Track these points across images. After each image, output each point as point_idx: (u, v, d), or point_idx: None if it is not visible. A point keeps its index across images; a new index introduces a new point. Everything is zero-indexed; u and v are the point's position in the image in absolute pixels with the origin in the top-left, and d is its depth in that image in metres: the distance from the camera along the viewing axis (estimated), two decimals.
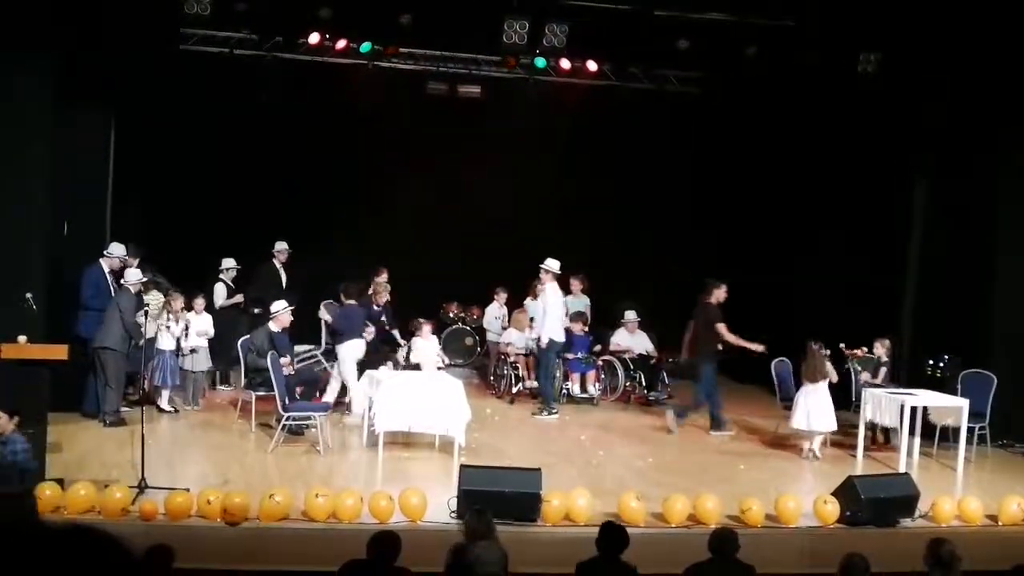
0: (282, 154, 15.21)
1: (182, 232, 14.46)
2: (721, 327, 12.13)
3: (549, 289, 12.92)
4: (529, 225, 15.55)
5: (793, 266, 14.49)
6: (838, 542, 7.95)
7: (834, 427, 11.25)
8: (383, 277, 13.66)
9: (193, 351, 12.06)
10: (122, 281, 11.12)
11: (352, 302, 12.34)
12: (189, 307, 12.19)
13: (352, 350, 11.93)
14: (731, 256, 15.87)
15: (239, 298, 13.50)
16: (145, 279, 11.52)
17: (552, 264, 12.93)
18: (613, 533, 6.32)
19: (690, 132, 15.81)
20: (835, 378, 11.34)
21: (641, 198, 16.53)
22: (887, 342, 12.13)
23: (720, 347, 12.26)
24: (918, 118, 13.01)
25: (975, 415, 11.22)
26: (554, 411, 12.90)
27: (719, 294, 12.33)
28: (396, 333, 13.39)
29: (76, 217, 11.37)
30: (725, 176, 16.01)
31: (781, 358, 12.43)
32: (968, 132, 12.44)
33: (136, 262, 11.72)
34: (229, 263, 13.57)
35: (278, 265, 13.89)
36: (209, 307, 12.87)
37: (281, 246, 13.93)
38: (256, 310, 13.11)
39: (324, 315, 13.05)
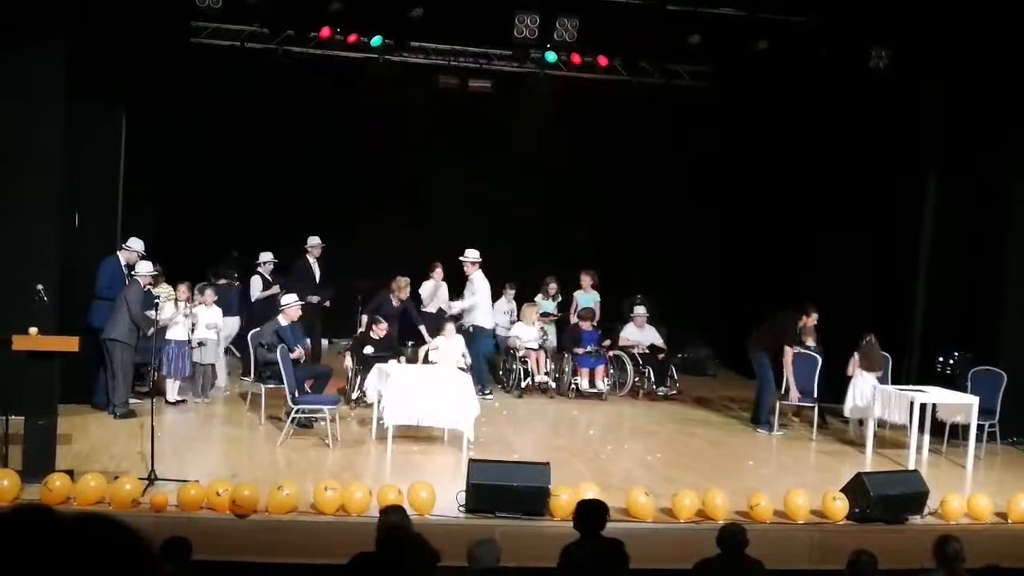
0: (291, 148, 15.23)
1: (193, 225, 14.50)
2: (790, 348, 12.02)
3: (476, 278, 13.21)
4: (539, 219, 15.54)
5: (802, 262, 14.45)
6: (847, 538, 7.93)
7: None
8: (438, 272, 13.84)
9: (202, 344, 12.08)
10: (132, 273, 11.14)
11: (223, 281, 12.98)
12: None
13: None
14: (739, 250, 15.85)
15: (275, 290, 13.52)
16: (155, 272, 11.54)
17: (471, 254, 13.20)
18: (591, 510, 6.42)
19: (701, 127, 15.78)
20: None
21: (651, 192, 16.50)
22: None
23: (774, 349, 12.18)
24: (928, 114, 12.95)
25: (985, 412, 11.16)
26: (488, 393, 12.98)
27: (806, 320, 12.26)
28: (423, 329, 13.21)
29: (89, 211, 11.37)
30: (734, 171, 15.97)
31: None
32: (978, 129, 12.37)
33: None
34: (266, 256, 13.75)
35: (311, 260, 13.89)
36: (246, 299, 13.01)
37: (314, 241, 13.92)
38: None
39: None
